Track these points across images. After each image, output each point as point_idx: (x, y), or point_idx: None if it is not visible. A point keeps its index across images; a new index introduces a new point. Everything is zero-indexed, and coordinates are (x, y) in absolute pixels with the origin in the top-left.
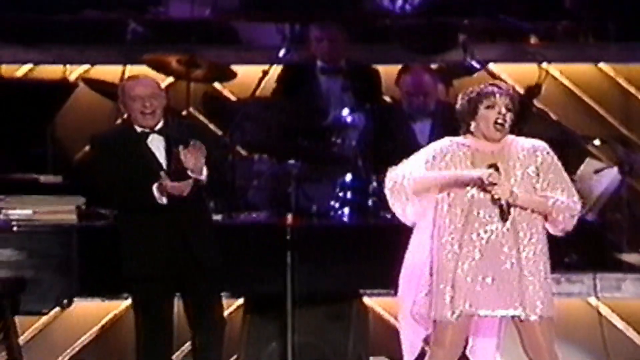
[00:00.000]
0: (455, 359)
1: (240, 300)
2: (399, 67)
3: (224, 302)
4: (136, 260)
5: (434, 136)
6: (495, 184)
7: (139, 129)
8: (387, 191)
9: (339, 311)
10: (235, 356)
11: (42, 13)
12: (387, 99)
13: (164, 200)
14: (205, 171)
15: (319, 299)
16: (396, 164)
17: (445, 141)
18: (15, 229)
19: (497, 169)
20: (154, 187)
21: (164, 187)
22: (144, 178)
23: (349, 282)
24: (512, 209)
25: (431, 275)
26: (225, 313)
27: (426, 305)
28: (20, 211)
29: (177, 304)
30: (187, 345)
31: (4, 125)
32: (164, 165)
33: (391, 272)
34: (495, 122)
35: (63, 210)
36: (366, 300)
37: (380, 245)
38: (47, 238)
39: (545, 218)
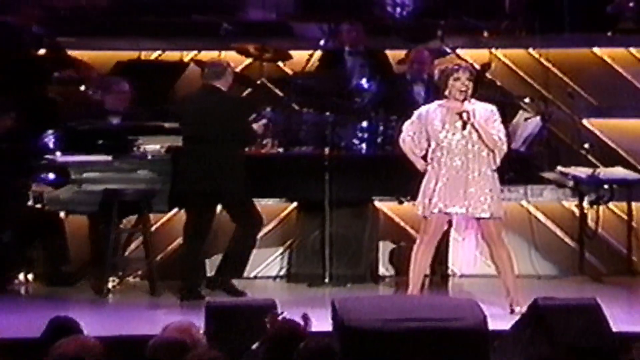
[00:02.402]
0: (434, 243)
1: (295, 204)
2: (398, 51)
3: (284, 205)
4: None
5: (428, 96)
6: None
7: None
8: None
9: (359, 211)
10: (290, 240)
11: (166, 17)
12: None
13: None
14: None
15: (346, 203)
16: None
17: (432, 105)
18: (149, 157)
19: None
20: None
21: None
22: None
23: (365, 191)
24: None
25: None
26: (284, 213)
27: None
28: (152, 146)
29: None
30: None
31: (141, 91)
32: None
33: (393, 185)
34: (460, 90)
35: (180, 145)
36: (377, 203)
37: (385, 168)
38: (169, 163)
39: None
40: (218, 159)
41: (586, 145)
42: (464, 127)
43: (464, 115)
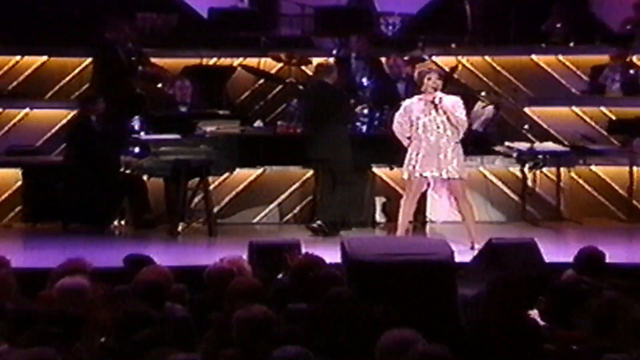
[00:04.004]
0: (416, 198)
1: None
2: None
3: (307, 171)
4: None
5: (407, 92)
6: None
7: None
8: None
9: (361, 175)
10: (311, 196)
11: (220, 32)
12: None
13: None
14: None
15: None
16: (391, 104)
17: (414, 98)
18: (207, 136)
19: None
20: None
21: None
22: None
23: (365, 160)
24: (438, 109)
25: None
26: (307, 176)
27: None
28: (209, 127)
29: None
30: None
31: (202, 87)
32: None
33: (386, 156)
34: (432, 87)
35: (230, 127)
36: (374, 169)
37: (380, 143)
38: (222, 140)
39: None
40: (329, 134)
41: (526, 126)
42: (436, 111)
43: (436, 100)
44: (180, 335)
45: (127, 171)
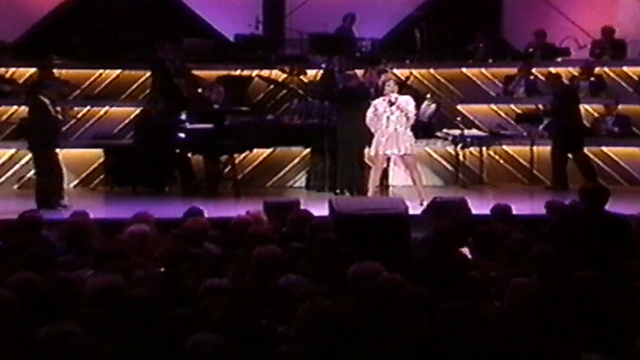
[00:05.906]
0: (381, 170)
1: (309, 149)
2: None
3: (304, 149)
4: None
5: (375, 94)
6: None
7: None
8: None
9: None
10: (308, 167)
11: (242, 52)
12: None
13: None
14: None
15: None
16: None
17: (379, 99)
18: (233, 125)
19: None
20: None
21: None
22: None
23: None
24: (395, 105)
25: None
26: (304, 153)
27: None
28: (235, 119)
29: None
30: None
31: (230, 91)
32: None
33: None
34: (390, 91)
35: (249, 119)
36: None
37: None
38: (244, 128)
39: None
40: (357, 123)
41: (458, 118)
42: (394, 107)
43: (392, 99)
44: (214, 267)
45: (177, 150)
